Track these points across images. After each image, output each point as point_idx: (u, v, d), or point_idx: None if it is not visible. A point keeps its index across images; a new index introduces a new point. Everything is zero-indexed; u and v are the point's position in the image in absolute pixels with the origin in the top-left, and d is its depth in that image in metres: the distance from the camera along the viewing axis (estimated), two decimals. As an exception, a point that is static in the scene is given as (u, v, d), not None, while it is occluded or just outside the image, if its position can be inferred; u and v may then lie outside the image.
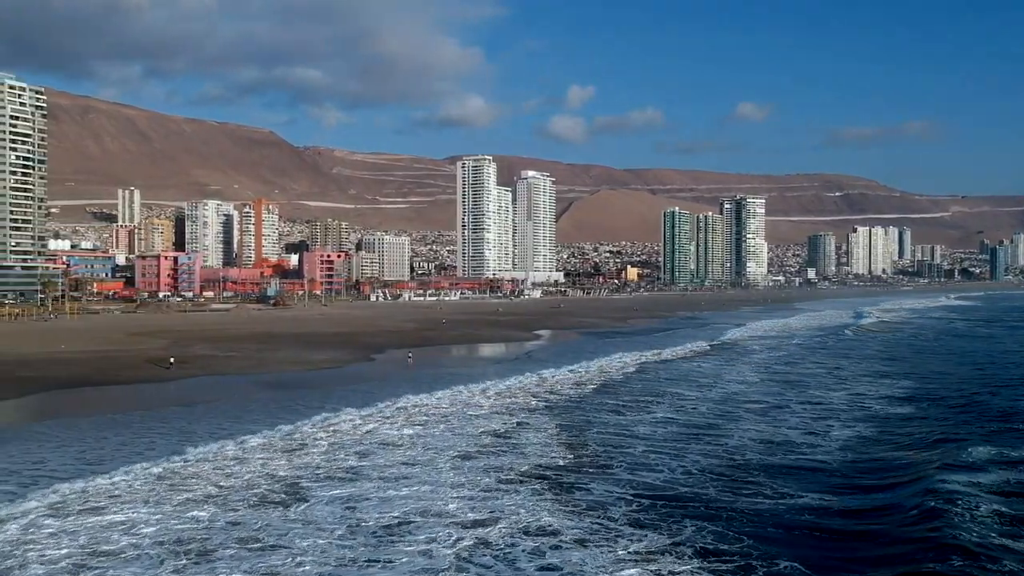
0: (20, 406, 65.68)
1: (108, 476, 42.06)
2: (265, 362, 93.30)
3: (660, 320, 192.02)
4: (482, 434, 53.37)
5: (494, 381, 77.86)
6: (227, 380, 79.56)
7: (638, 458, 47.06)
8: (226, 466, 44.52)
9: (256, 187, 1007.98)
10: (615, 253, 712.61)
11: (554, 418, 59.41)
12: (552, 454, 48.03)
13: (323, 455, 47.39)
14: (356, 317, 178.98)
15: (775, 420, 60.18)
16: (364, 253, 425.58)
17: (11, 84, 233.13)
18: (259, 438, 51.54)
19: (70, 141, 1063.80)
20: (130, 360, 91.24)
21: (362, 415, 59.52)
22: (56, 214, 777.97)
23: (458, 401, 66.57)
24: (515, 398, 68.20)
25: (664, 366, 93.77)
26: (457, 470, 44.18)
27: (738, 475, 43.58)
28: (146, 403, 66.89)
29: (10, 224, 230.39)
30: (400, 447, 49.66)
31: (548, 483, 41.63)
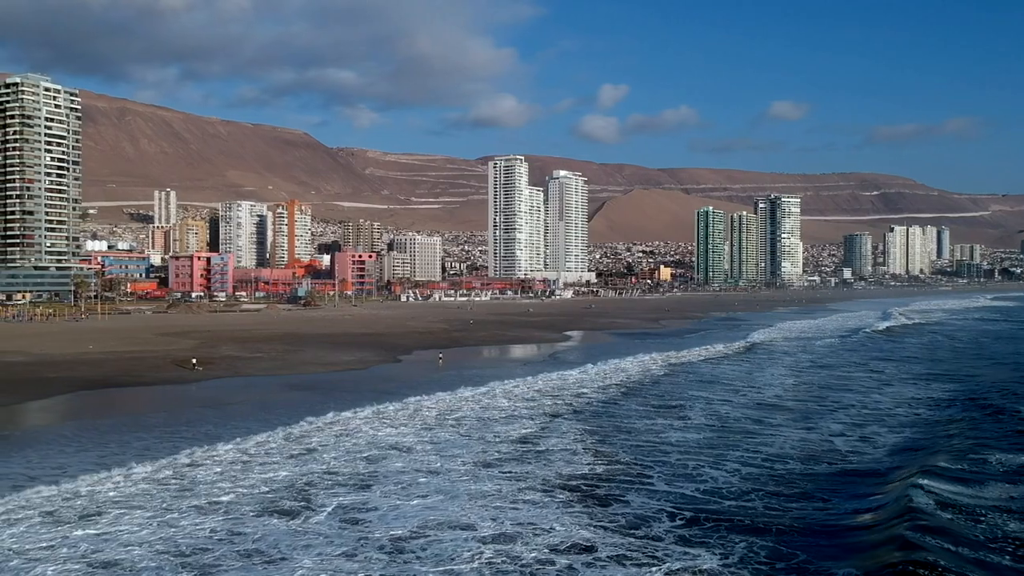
0: (44, 407, 64.91)
1: (110, 477, 41.09)
2: (290, 363, 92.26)
3: (693, 321, 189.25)
4: (505, 439, 51.40)
5: (520, 383, 76.00)
6: (250, 381, 78.52)
7: (675, 467, 44.49)
8: (231, 472, 43.10)
9: (290, 188, 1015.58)
10: (648, 253, 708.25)
11: (582, 422, 57.23)
12: (581, 461, 45.79)
13: (334, 459, 45.86)
14: (385, 317, 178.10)
15: (816, 425, 57.38)
16: (396, 253, 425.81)
17: (46, 86, 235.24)
18: (269, 441, 50.34)
19: (108, 143, 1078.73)
20: (156, 361, 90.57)
21: (380, 417, 58.04)
22: (94, 215, 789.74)
23: (481, 404, 64.69)
24: (541, 401, 66.16)
25: (697, 368, 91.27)
26: (477, 478, 42.14)
27: (783, 485, 41.12)
28: (167, 404, 65.94)
29: (45, 225, 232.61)
30: (416, 452, 47.89)
31: (579, 494, 39.35)
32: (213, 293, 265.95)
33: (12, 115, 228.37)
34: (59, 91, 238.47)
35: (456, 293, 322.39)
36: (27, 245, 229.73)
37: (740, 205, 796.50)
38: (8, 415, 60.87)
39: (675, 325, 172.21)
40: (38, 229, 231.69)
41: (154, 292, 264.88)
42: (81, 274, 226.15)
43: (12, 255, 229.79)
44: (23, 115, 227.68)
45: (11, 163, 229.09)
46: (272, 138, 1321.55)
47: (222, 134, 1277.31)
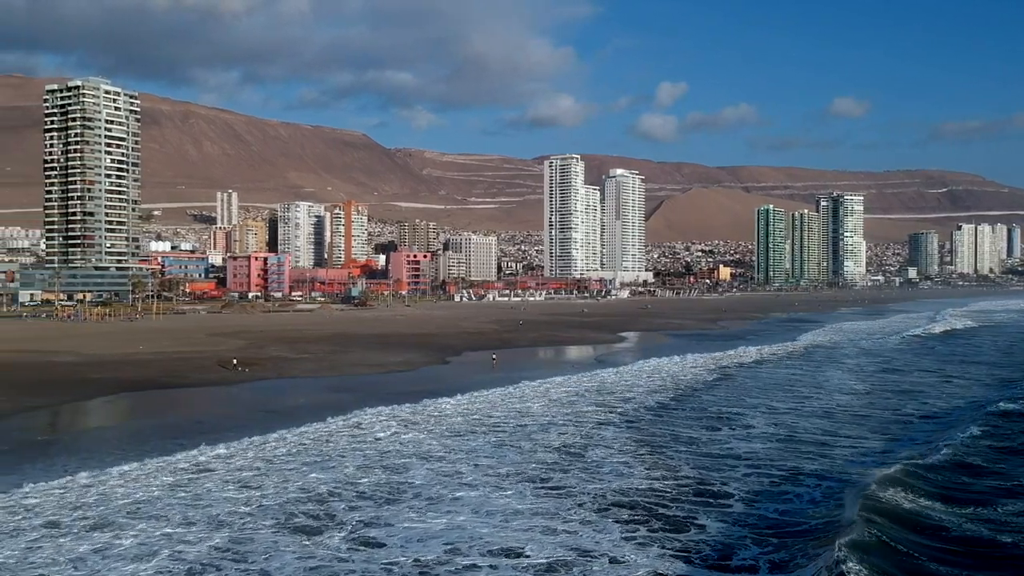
0: (81, 409, 63.98)
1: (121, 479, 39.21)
2: (336, 364, 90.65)
3: (752, 322, 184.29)
4: (548, 447, 48.20)
5: (568, 386, 73.03)
6: (292, 383, 76.85)
7: (747, 483, 40.27)
8: (247, 478, 41.03)
9: (348, 189, 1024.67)
10: (707, 252, 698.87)
11: (636, 431, 53.55)
12: (636, 474, 41.98)
13: (358, 468, 43.28)
14: (437, 318, 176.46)
15: (894, 435, 52.42)
16: (451, 253, 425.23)
17: (106, 89, 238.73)
18: (282, 443, 48.58)
19: (171, 146, 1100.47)
20: (202, 362, 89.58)
21: (412, 421, 55.49)
22: (158, 217, 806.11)
23: (522, 408, 61.64)
24: (590, 406, 62.83)
25: (756, 372, 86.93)
26: (517, 492, 38.80)
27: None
28: (207, 406, 64.82)
29: (105, 226, 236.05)
30: (448, 460, 44.97)
31: (641, 513, 35.45)
32: (270, 293, 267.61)
33: (74, 118, 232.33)
34: (119, 94, 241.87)
35: (511, 293, 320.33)
36: (88, 246, 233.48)
37: (801, 203, 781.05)
38: (46, 417, 59.93)
39: (734, 326, 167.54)
40: (98, 230, 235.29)
41: (212, 292, 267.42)
42: (138, 274, 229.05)
43: (73, 255, 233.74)
44: (84, 117, 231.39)
45: (72, 165, 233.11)
46: (331, 139, 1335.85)
47: (282, 136, 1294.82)
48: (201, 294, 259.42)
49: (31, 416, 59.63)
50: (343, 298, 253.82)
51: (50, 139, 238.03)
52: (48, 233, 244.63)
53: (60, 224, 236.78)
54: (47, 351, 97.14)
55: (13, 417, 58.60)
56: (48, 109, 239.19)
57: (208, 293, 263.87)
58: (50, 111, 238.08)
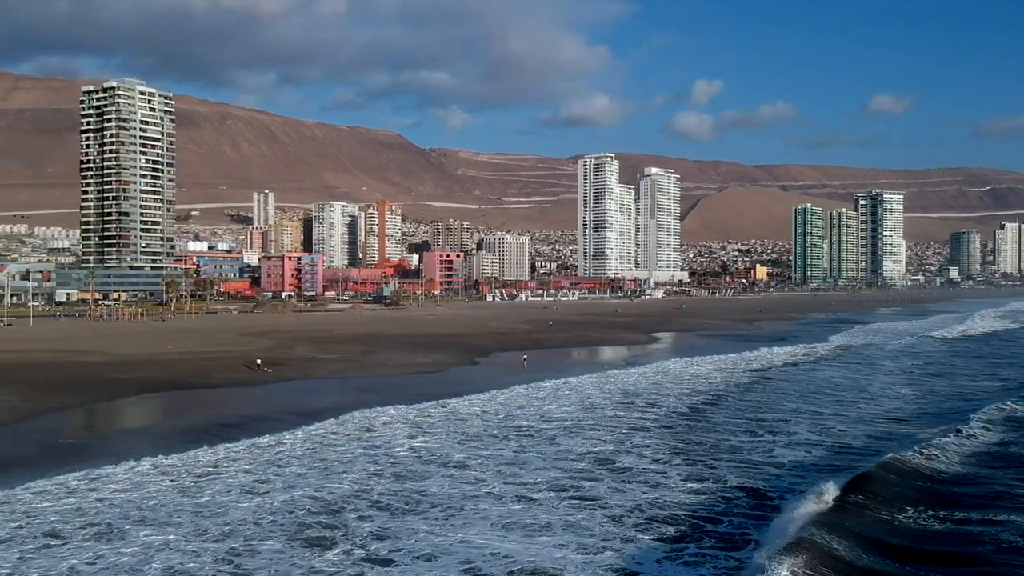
0: (103, 410, 63.17)
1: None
2: (363, 365, 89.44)
3: (790, 322, 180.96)
4: (579, 455, 45.51)
5: (598, 389, 70.90)
6: (317, 384, 75.67)
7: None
8: (252, 484, 39.47)
9: (384, 189, 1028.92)
10: (744, 252, 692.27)
11: (671, 436, 50.62)
12: (675, 485, 38.84)
13: (371, 474, 41.24)
14: (468, 318, 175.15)
15: (953, 445, 46.72)
16: (484, 253, 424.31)
17: (141, 90, 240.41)
18: (301, 446, 46.75)
19: (209, 147, 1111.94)
20: (229, 362, 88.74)
21: (436, 424, 53.81)
22: (196, 217, 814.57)
23: (552, 412, 59.47)
24: (622, 410, 60.58)
25: (795, 375, 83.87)
26: (548, 505, 35.85)
27: (956, 526, 32.65)
28: (228, 407, 63.58)
29: (140, 226, 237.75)
30: (469, 467, 42.84)
31: (686, 528, 32.27)
32: (303, 292, 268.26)
33: (109, 119, 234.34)
34: (154, 94, 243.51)
35: (543, 293, 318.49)
36: (123, 246, 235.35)
37: (839, 202, 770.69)
38: (69, 418, 58.93)
39: (770, 327, 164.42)
40: (133, 230, 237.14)
41: (246, 292, 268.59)
42: (171, 274, 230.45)
43: (109, 255, 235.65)
44: (119, 118, 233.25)
45: (108, 165, 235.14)
46: (366, 140, 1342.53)
47: (318, 137, 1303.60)
48: (235, 294, 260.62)
49: (54, 417, 58.80)
50: (375, 298, 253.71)
51: (86, 140, 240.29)
52: (84, 233, 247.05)
53: (96, 224, 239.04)
54: (76, 351, 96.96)
55: (36, 418, 57.83)
56: (84, 110, 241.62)
57: (242, 293, 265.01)
58: (86, 112, 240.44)
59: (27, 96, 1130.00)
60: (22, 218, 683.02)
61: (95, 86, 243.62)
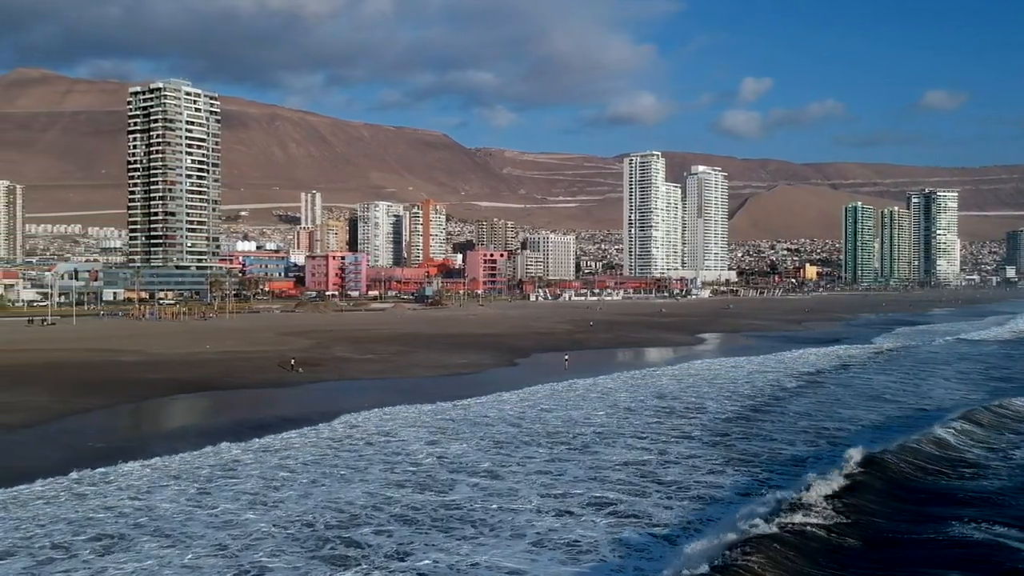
0: (130, 411, 61.89)
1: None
2: (399, 366, 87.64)
3: (840, 323, 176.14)
4: (614, 465, 42.50)
5: (640, 392, 68.13)
6: (350, 386, 73.87)
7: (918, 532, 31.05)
8: (264, 491, 37.51)
9: (430, 188, 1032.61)
10: (793, 251, 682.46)
11: (721, 446, 46.74)
12: (726, 502, 35.36)
13: (391, 484, 38.67)
14: (509, 317, 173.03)
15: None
16: (529, 252, 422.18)
17: (187, 91, 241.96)
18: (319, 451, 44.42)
19: (258, 148, 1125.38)
20: (264, 362, 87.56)
21: (465, 428, 51.53)
22: (245, 217, 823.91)
23: (589, 417, 56.76)
24: (664, 415, 57.70)
25: (849, 377, 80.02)
26: (588, 523, 32.72)
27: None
28: (258, 408, 61.89)
29: (186, 226, 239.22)
30: (500, 475, 40.13)
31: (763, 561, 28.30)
32: (347, 292, 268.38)
33: (156, 119, 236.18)
34: (199, 95, 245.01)
35: (587, 292, 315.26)
36: (169, 245, 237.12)
37: (891, 200, 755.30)
38: (95, 420, 57.71)
39: (820, 327, 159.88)
40: (179, 230, 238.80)
41: (290, 291, 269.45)
42: (215, 273, 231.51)
43: (156, 255, 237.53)
44: (165, 119, 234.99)
45: (155, 166, 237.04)
46: (413, 140, 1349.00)
47: (365, 137, 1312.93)
48: (279, 293, 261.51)
49: (81, 419, 57.68)
50: (416, 297, 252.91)
51: (133, 140, 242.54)
52: (131, 233, 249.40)
53: (143, 224, 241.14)
54: (113, 350, 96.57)
55: (63, 419, 56.84)
56: (131, 111, 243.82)
57: (286, 292, 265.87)
58: (133, 113, 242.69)
59: (81, 99, 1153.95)
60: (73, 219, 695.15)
61: (142, 87, 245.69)
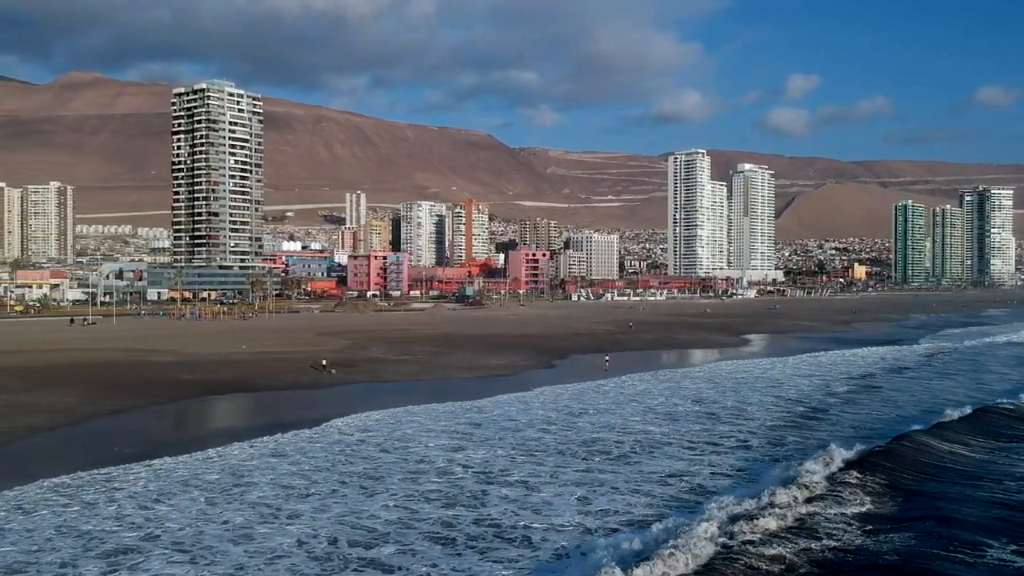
0: (158, 413, 60.75)
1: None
2: (434, 368, 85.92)
3: (890, 324, 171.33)
4: (662, 478, 39.59)
5: (679, 398, 65.55)
6: (382, 388, 72.15)
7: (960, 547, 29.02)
8: (279, 501, 35.71)
9: (473, 188, 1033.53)
10: (841, 250, 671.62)
11: (771, 459, 43.56)
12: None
13: (414, 496, 36.46)
14: (550, 317, 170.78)
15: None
16: (571, 252, 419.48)
17: (230, 91, 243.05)
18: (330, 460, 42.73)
19: (304, 149, 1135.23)
20: (299, 363, 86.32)
21: (494, 434, 49.42)
22: (291, 218, 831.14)
23: (627, 423, 54.30)
24: (709, 423, 55.17)
25: (906, 381, 76.29)
26: (617, 546, 29.45)
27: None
28: (283, 411, 60.34)
29: (229, 226, 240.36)
30: (531, 486, 37.83)
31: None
32: (388, 291, 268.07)
33: (199, 120, 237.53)
34: (242, 96, 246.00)
35: (630, 292, 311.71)
36: (212, 245, 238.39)
37: (943, 199, 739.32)
38: (122, 423, 56.67)
39: (869, 328, 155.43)
40: (223, 230, 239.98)
41: (332, 291, 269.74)
42: (255, 273, 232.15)
43: (199, 255, 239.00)
44: (209, 119, 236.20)
45: (198, 166, 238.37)
46: (456, 140, 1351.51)
47: (409, 138, 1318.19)
48: (321, 292, 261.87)
49: (108, 421, 56.78)
50: (457, 297, 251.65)
51: (177, 141, 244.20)
52: (176, 233, 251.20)
53: (187, 224, 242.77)
54: (148, 350, 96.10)
55: (90, 421, 55.99)
56: (176, 112, 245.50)
57: (328, 292, 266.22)
58: (177, 114, 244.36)
59: (131, 101, 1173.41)
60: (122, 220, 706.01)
61: (186, 88, 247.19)
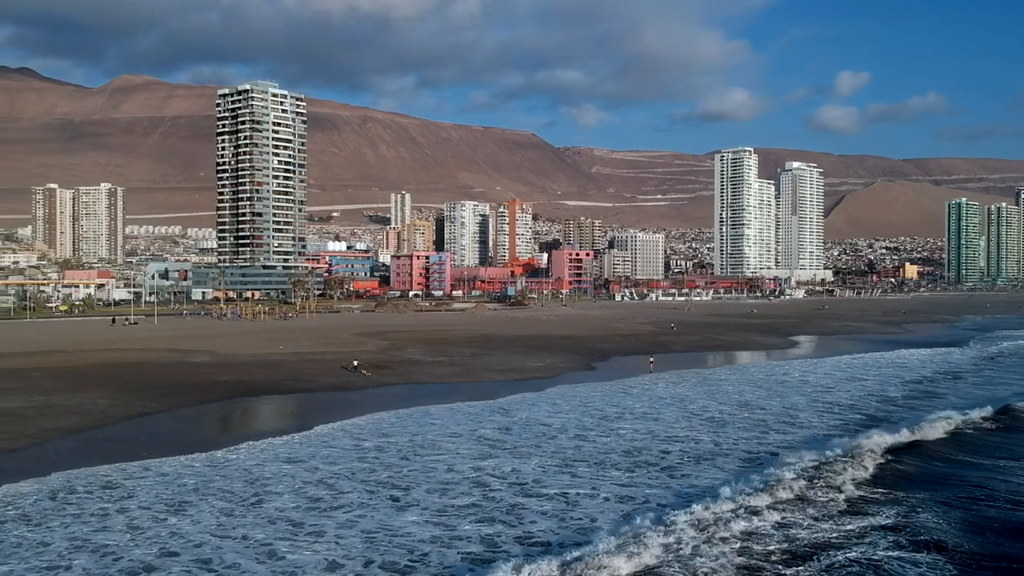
0: (186, 417, 59.70)
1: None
2: (469, 369, 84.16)
3: (944, 325, 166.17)
4: (690, 486, 37.95)
5: (724, 404, 63.05)
6: (414, 391, 70.44)
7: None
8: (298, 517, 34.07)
9: (517, 188, 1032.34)
10: (892, 250, 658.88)
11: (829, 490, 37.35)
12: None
13: (441, 515, 34.67)
14: (592, 318, 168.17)
15: None
16: (616, 251, 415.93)
17: (273, 92, 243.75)
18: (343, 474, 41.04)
19: (350, 150, 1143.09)
20: (333, 364, 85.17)
21: (521, 444, 47.45)
22: (337, 218, 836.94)
23: (669, 432, 51.84)
24: (757, 431, 52.63)
25: (966, 388, 72.27)
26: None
27: None
28: (309, 415, 58.77)
29: (272, 226, 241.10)
30: (570, 504, 35.69)
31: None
32: (431, 291, 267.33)
33: (243, 120, 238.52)
34: (285, 96, 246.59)
35: (675, 292, 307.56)
36: (256, 245, 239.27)
37: (998, 196, 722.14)
38: (151, 426, 55.61)
39: (922, 330, 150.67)
40: (266, 230, 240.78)
41: (374, 290, 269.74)
42: (297, 273, 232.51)
43: (243, 254, 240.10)
44: (253, 120, 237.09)
45: (242, 167, 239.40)
46: (501, 140, 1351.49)
47: (454, 138, 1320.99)
48: (363, 292, 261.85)
49: (137, 424, 55.81)
50: (498, 297, 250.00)
51: (222, 142, 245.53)
52: (220, 233, 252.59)
53: (231, 224, 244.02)
54: (185, 350, 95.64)
55: (119, 424, 55.13)
56: (220, 113, 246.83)
57: (371, 291, 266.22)
58: (222, 115, 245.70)
59: (181, 104, 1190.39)
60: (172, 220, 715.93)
61: (230, 90, 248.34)
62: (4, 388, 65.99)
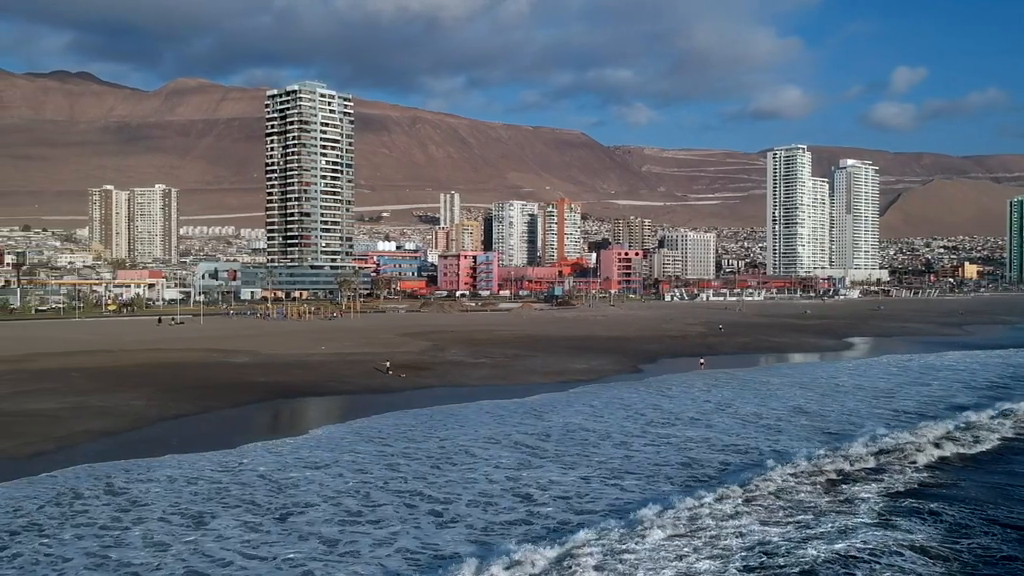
0: (220, 419, 58.53)
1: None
2: (512, 372, 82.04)
3: (1005, 327, 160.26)
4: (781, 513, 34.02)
5: (778, 407, 60.16)
6: (451, 393, 68.35)
7: None
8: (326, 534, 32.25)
9: (567, 188, 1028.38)
10: (950, 249, 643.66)
11: (886, 503, 34.47)
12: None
13: (468, 538, 32.69)
14: (640, 318, 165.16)
15: None
16: (666, 251, 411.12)
17: (321, 92, 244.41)
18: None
19: (400, 150, 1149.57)
20: (372, 365, 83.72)
21: (561, 453, 45.18)
22: (387, 218, 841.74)
23: (719, 440, 49.25)
24: (819, 438, 50.18)
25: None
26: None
27: None
28: (337, 419, 57.36)
29: (320, 226, 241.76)
30: (630, 539, 33.38)
31: None
32: (478, 291, 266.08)
33: (291, 121, 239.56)
34: (333, 97, 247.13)
35: (727, 292, 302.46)
36: (304, 245, 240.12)
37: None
38: (182, 430, 54.40)
39: (984, 332, 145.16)
40: (314, 230, 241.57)
41: (421, 290, 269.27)
42: (343, 273, 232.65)
43: (291, 254, 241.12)
44: (301, 120, 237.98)
45: (290, 167, 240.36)
46: (550, 139, 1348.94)
47: (503, 138, 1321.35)
48: (411, 292, 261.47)
49: (172, 426, 54.80)
50: (545, 297, 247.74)
51: (271, 143, 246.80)
52: (269, 233, 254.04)
53: (280, 225, 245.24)
54: (226, 351, 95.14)
55: (153, 426, 54.27)
56: (269, 114, 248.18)
57: (418, 291, 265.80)
58: (271, 116, 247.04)
59: (235, 106, 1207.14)
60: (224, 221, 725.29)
61: (279, 91, 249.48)
62: (42, 389, 65.65)
